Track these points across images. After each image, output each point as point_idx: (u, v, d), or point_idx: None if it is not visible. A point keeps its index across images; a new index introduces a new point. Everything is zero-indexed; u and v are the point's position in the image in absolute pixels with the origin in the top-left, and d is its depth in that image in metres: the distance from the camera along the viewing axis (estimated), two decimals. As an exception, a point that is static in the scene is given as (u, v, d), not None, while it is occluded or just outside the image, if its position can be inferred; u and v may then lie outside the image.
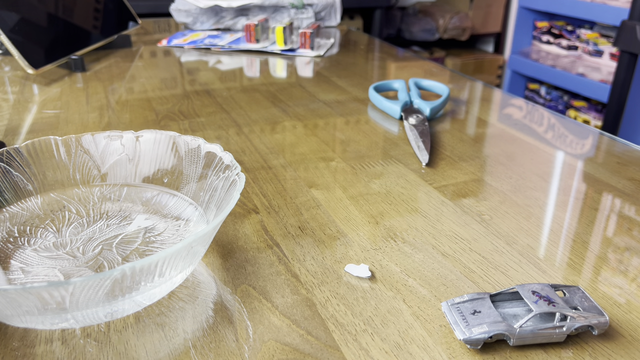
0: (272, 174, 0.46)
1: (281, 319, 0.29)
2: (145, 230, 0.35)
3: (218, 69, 0.80)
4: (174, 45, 0.92)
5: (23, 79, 0.72)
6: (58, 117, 0.58)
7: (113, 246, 0.33)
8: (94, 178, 0.40)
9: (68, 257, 0.32)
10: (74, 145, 0.39)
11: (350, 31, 1.10)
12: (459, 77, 0.76)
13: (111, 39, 0.89)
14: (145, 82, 0.72)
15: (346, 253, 0.35)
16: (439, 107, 0.59)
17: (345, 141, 0.53)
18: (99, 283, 0.24)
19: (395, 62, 0.86)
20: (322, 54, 0.88)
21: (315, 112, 0.61)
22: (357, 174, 0.46)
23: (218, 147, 0.36)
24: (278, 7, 1.02)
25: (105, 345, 0.27)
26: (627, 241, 0.37)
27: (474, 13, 2.35)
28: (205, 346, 0.27)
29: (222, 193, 0.34)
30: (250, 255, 0.34)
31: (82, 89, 0.69)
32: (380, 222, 0.38)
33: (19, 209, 0.37)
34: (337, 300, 0.30)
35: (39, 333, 0.28)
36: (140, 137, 0.40)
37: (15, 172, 0.37)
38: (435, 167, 0.47)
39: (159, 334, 0.28)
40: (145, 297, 0.28)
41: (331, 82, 0.73)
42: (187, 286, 0.31)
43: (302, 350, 0.27)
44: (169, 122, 0.57)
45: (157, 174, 0.39)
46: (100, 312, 0.27)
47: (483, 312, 0.27)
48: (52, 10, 0.78)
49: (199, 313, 0.29)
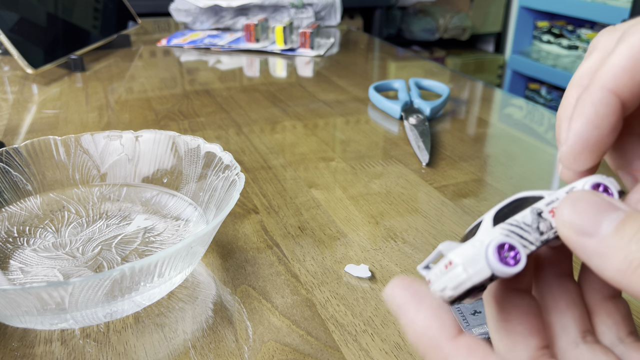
0: (272, 174, 0.45)
1: (281, 320, 0.29)
2: (144, 230, 0.35)
3: (218, 69, 0.80)
4: (173, 45, 0.92)
5: (22, 79, 0.72)
6: (57, 117, 0.58)
7: (112, 246, 0.33)
8: (93, 178, 0.39)
9: (67, 257, 0.32)
10: (73, 145, 0.39)
11: (350, 31, 1.10)
12: (460, 77, 0.76)
13: (111, 38, 0.89)
14: (145, 81, 0.72)
15: (346, 253, 0.35)
16: (439, 107, 0.59)
17: (346, 141, 0.53)
18: (99, 283, 0.24)
19: (396, 61, 0.86)
20: (322, 54, 0.88)
21: (315, 112, 0.61)
22: (357, 174, 0.46)
23: (218, 147, 0.36)
24: (278, 7, 1.02)
25: (104, 346, 0.27)
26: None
27: (474, 13, 2.35)
28: (205, 347, 0.27)
29: (221, 193, 0.34)
30: (250, 256, 0.34)
31: (81, 88, 0.69)
32: (380, 222, 0.38)
33: (18, 209, 0.37)
34: (337, 300, 0.30)
35: (39, 333, 0.28)
36: (139, 137, 0.40)
37: (14, 172, 0.37)
38: (436, 167, 0.47)
39: (159, 334, 0.28)
40: (145, 298, 0.28)
41: (331, 81, 0.73)
42: (187, 286, 0.31)
43: (302, 350, 0.27)
44: (168, 122, 0.57)
45: (157, 174, 0.39)
46: (99, 313, 0.27)
47: (483, 312, 0.27)
48: (52, 10, 0.78)
49: (198, 313, 0.29)
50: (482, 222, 0.17)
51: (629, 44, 0.16)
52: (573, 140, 0.17)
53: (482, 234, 0.16)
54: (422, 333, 0.15)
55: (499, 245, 0.16)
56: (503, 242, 0.16)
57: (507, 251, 0.16)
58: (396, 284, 0.16)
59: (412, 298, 0.16)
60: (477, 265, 0.15)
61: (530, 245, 0.16)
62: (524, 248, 0.16)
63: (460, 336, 0.15)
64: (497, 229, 0.16)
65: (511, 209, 0.17)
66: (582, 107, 0.17)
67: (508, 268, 0.15)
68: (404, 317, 0.16)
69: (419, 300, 0.16)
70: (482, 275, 0.15)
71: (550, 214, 0.16)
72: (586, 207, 0.15)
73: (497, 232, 0.16)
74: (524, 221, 0.16)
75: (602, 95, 0.17)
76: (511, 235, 0.16)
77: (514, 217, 0.16)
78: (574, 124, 0.17)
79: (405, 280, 0.16)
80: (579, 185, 0.17)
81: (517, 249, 0.16)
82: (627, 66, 0.16)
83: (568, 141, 0.17)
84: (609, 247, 0.14)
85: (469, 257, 0.15)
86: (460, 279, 0.15)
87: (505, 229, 0.16)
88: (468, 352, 0.15)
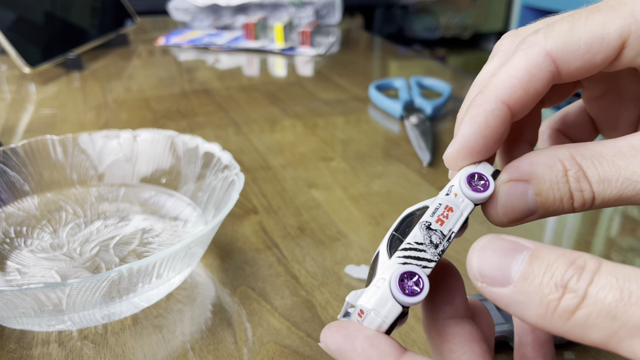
0: (271, 174, 0.45)
1: (281, 321, 0.29)
2: (142, 231, 0.35)
3: (217, 68, 0.79)
4: (172, 44, 0.92)
5: (20, 78, 0.72)
6: (55, 117, 0.58)
7: (110, 247, 0.33)
8: (91, 178, 0.39)
9: (65, 258, 0.32)
10: (71, 144, 0.39)
11: (350, 29, 1.09)
12: (461, 76, 0.76)
13: (109, 37, 0.88)
14: (143, 81, 0.72)
15: (346, 254, 0.34)
16: (441, 106, 0.59)
17: (346, 141, 0.52)
18: (96, 284, 0.24)
19: (396, 60, 0.86)
20: (322, 53, 0.87)
21: (315, 111, 0.60)
22: (357, 173, 0.45)
23: (217, 147, 0.36)
24: (277, 5, 1.01)
25: (102, 348, 0.27)
26: (630, 242, 0.36)
27: (476, 11, 2.35)
28: (203, 348, 0.27)
29: (220, 193, 0.34)
30: (250, 257, 0.34)
31: (79, 88, 0.68)
32: (381, 223, 0.38)
33: (15, 209, 0.36)
34: (337, 302, 0.30)
35: (36, 335, 0.27)
36: (137, 137, 0.39)
37: (11, 172, 0.37)
38: (437, 167, 0.47)
39: (157, 336, 0.28)
40: (143, 299, 0.28)
41: (331, 80, 0.73)
42: (186, 288, 0.31)
43: (301, 352, 0.26)
44: (167, 121, 0.57)
45: (155, 174, 0.39)
46: (97, 314, 0.26)
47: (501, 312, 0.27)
48: (49, 8, 0.77)
49: (197, 315, 0.29)
50: (379, 255, 0.17)
51: (527, 56, 0.16)
52: (459, 145, 0.17)
53: (380, 269, 0.16)
54: None
55: (400, 278, 0.16)
56: (402, 272, 0.16)
57: (409, 280, 0.16)
58: (326, 333, 0.16)
59: (345, 339, 0.16)
60: (387, 306, 0.16)
61: (429, 263, 0.16)
62: (424, 269, 0.16)
63: (403, 356, 0.15)
64: (393, 259, 0.16)
65: (402, 230, 0.17)
66: (474, 113, 0.17)
67: (415, 298, 0.16)
68: (344, 357, 0.16)
69: (352, 338, 0.16)
70: (395, 313, 0.16)
71: (438, 223, 0.17)
72: (492, 255, 0.14)
73: (394, 264, 0.16)
74: (416, 240, 0.16)
75: (495, 107, 0.16)
76: (408, 261, 0.16)
77: (406, 240, 0.16)
78: (463, 129, 0.17)
79: (334, 326, 0.16)
80: (455, 183, 0.17)
81: (418, 275, 0.16)
82: (523, 78, 0.16)
83: (454, 145, 0.17)
84: (523, 294, 0.13)
85: (377, 301, 0.16)
86: (377, 323, 0.16)
87: (401, 256, 0.16)
88: None
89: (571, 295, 0.12)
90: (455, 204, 0.17)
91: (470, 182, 0.17)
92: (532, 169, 0.16)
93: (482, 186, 0.17)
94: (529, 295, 0.13)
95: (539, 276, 0.13)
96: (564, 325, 0.13)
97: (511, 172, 0.17)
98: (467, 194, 0.17)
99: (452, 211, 0.17)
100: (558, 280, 0.13)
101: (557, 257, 0.13)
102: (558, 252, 0.14)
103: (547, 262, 0.13)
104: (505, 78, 0.17)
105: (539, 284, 0.13)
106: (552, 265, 0.13)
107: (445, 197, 0.17)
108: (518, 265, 0.14)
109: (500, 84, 0.17)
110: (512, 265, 0.14)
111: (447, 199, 0.17)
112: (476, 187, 0.17)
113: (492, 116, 0.16)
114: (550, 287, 0.13)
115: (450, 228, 0.17)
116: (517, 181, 0.16)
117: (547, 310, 0.13)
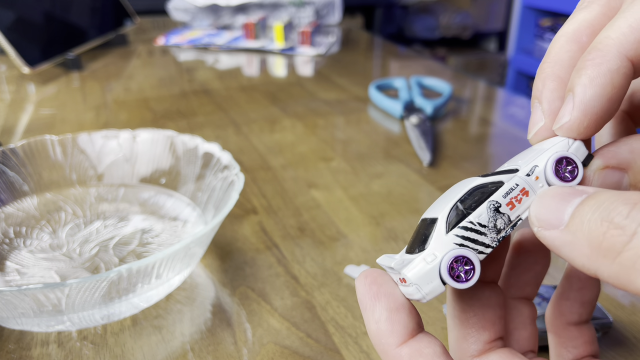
0: (271, 174, 0.45)
1: (280, 322, 0.28)
2: (142, 231, 0.35)
3: (216, 68, 0.79)
4: (171, 44, 0.92)
5: (19, 78, 0.72)
6: (54, 117, 0.58)
7: (110, 247, 0.33)
8: (90, 178, 0.39)
9: (64, 259, 0.32)
10: (70, 145, 0.39)
11: (350, 29, 1.09)
12: (461, 76, 0.76)
13: (108, 37, 0.88)
14: (143, 81, 0.72)
15: (346, 254, 0.34)
16: (441, 106, 0.58)
17: (346, 141, 0.52)
18: (96, 285, 0.24)
19: (397, 60, 0.86)
20: (322, 53, 0.87)
21: (315, 111, 0.60)
22: (357, 174, 0.45)
23: (216, 147, 0.36)
24: (277, 5, 1.01)
25: (101, 348, 0.27)
26: None
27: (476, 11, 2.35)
28: (203, 349, 0.27)
29: (220, 193, 0.34)
30: (249, 257, 0.34)
31: (78, 88, 0.68)
32: (381, 223, 0.38)
33: (14, 210, 0.36)
34: (337, 302, 0.30)
35: (35, 335, 0.27)
36: (137, 137, 0.39)
37: (11, 172, 0.36)
38: (437, 167, 0.47)
39: (157, 336, 0.27)
40: (143, 300, 0.28)
41: (331, 80, 0.72)
42: (185, 288, 0.31)
43: (301, 353, 0.26)
44: (166, 121, 0.57)
45: (155, 174, 0.39)
46: (96, 315, 0.26)
47: None
48: (49, 9, 0.77)
49: (197, 315, 0.29)
50: (436, 223, 0.16)
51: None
52: (582, 112, 0.15)
53: (434, 242, 0.15)
54: (373, 337, 0.15)
55: (453, 260, 0.15)
56: (456, 255, 0.15)
57: (461, 265, 0.15)
58: (361, 280, 0.16)
59: (370, 296, 0.15)
60: (431, 284, 0.15)
61: (486, 249, 0.15)
62: (479, 254, 0.15)
63: (407, 343, 0.15)
64: (450, 236, 0.15)
65: (468, 204, 0.15)
66: (596, 73, 0.14)
67: (463, 284, 0.15)
68: (364, 314, 0.16)
69: (376, 301, 0.15)
70: (437, 292, 0.15)
71: (509, 207, 0.15)
72: (550, 200, 0.14)
73: (450, 242, 0.15)
74: (479, 221, 0.15)
75: (621, 65, 0.14)
76: (465, 243, 0.15)
77: (469, 217, 0.15)
78: (584, 92, 0.14)
79: (371, 276, 0.16)
80: (541, 164, 0.15)
81: (472, 262, 0.15)
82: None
83: (575, 111, 0.15)
84: (571, 233, 0.12)
85: (422, 277, 0.15)
86: (416, 297, 0.15)
87: (460, 235, 0.15)
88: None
89: (618, 232, 0.11)
90: (533, 188, 0.15)
91: (557, 168, 0.15)
92: (632, 157, 0.15)
93: (569, 173, 0.15)
94: (575, 234, 0.12)
95: (589, 214, 0.12)
96: (610, 267, 0.11)
97: (608, 158, 0.15)
98: (551, 181, 0.15)
99: (527, 195, 0.15)
100: (605, 215, 0.12)
101: (614, 196, 0.12)
102: (618, 193, 0.12)
103: (600, 201, 0.12)
104: (627, 31, 0.14)
105: (587, 220, 0.12)
106: (604, 203, 0.12)
107: (524, 178, 0.15)
108: (572, 207, 0.13)
109: (622, 38, 0.14)
110: (567, 207, 0.13)
111: (526, 181, 0.15)
112: (563, 175, 0.15)
113: (619, 76, 0.14)
114: (596, 221, 0.12)
115: (519, 215, 0.15)
116: (613, 169, 0.15)
117: (592, 249, 0.12)
